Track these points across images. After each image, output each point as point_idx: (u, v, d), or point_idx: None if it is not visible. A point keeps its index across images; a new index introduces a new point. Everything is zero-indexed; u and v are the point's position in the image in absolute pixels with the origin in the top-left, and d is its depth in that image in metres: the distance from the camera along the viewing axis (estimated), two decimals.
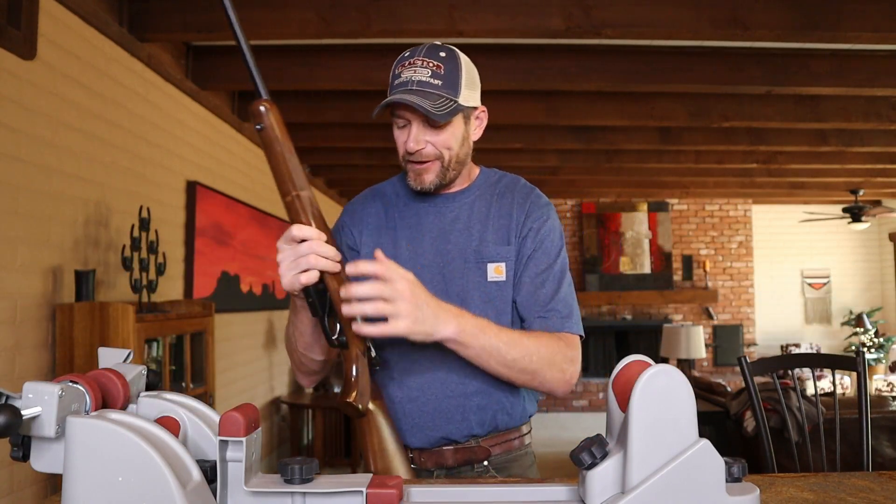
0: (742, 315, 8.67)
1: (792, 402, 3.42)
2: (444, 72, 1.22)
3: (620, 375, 0.80)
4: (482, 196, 1.35)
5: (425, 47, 1.25)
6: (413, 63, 1.23)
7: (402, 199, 1.37)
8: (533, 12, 2.92)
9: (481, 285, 1.28)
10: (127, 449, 0.69)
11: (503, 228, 1.30)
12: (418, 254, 1.31)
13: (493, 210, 1.32)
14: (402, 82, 1.22)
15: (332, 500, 0.75)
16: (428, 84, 1.21)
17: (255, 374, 4.91)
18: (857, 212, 7.46)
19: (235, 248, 4.40)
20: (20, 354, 2.35)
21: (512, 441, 1.34)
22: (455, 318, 1.13)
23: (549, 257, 1.30)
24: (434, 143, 1.25)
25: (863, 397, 1.85)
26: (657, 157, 5.78)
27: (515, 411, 1.32)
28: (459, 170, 1.31)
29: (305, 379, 1.38)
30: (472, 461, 1.29)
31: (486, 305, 1.27)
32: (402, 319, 1.06)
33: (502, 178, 1.39)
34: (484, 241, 1.29)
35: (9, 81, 2.28)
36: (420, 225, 1.33)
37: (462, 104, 1.24)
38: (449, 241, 1.31)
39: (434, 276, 1.28)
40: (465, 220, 1.32)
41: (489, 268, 1.28)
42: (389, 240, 1.33)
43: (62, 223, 2.57)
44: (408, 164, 1.28)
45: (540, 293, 1.27)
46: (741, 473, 0.75)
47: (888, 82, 3.70)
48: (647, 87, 3.81)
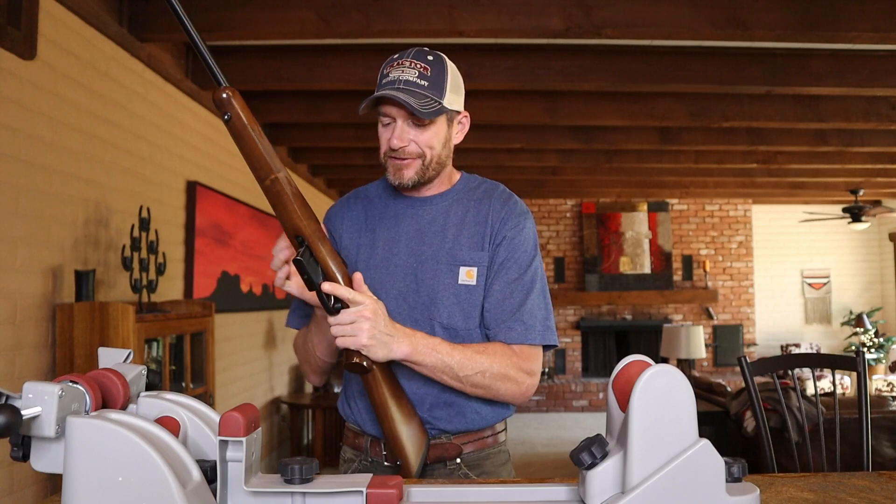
0: (742, 315, 8.67)
1: (792, 402, 3.42)
2: (431, 74, 1.26)
3: (620, 375, 0.80)
4: (460, 200, 1.38)
5: (414, 50, 1.30)
6: (401, 64, 1.27)
7: (383, 200, 1.41)
8: (533, 12, 2.92)
9: (451, 287, 1.31)
10: (127, 449, 0.69)
11: (478, 234, 1.33)
12: (393, 253, 1.34)
13: (470, 215, 1.35)
14: (389, 81, 1.26)
15: (332, 500, 0.75)
16: (414, 84, 1.25)
17: (255, 374, 4.91)
18: (857, 212, 7.46)
19: (235, 248, 4.40)
20: (20, 354, 2.35)
21: (485, 438, 1.36)
22: (408, 339, 1.21)
23: (520, 267, 1.32)
24: (417, 141, 1.29)
25: (863, 397, 1.85)
26: (657, 157, 5.78)
27: (485, 412, 1.34)
28: (439, 171, 1.34)
29: (317, 377, 1.45)
30: (443, 458, 1.32)
31: (454, 307, 1.30)
32: (361, 336, 1.16)
33: (482, 183, 1.42)
34: (458, 245, 1.32)
35: (9, 81, 2.28)
36: (397, 226, 1.37)
37: (446, 106, 1.28)
38: (423, 243, 1.34)
39: (407, 276, 1.32)
40: (441, 222, 1.35)
41: (461, 271, 1.31)
42: (367, 241, 1.37)
43: (62, 223, 2.57)
44: (388, 160, 1.31)
45: (507, 303, 1.30)
46: (741, 473, 0.75)
47: (888, 82, 3.70)
48: (647, 87, 3.81)
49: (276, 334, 5.36)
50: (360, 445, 1.39)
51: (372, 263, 1.34)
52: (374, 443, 1.36)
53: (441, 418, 1.31)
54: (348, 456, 1.42)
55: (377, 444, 1.36)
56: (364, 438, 1.38)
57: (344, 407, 1.43)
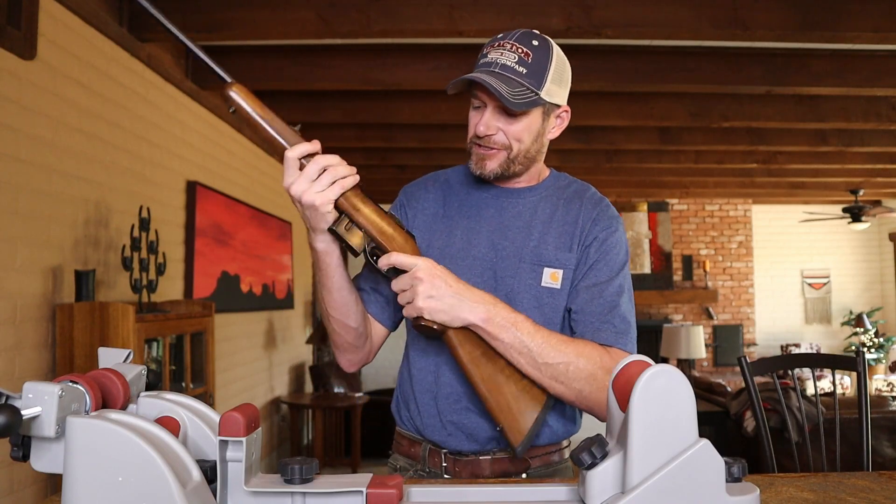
0: (742, 315, 8.67)
1: (792, 402, 3.42)
2: (532, 60, 1.15)
3: (620, 375, 0.79)
4: (548, 198, 1.27)
5: (519, 32, 1.19)
6: (502, 45, 1.17)
7: (465, 187, 1.31)
8: (533, 12, 2.92)
9: (533, 288, 1.21)
10: (127, 449, 0.69)
11: (566, 234, 1.23)
12: (472, 245, 1.24)
13: (559, 214, 1.25)
14: (486, 63, 1.16)
15: (332, 500, 0.75)
16: (511, 70, 1.14)
17: (255, 374, 4.91)
18: (857, 212, 7.46)
19: (235, 248, 4.40)
20: (20, 354, 2.35)
21: (552, 455, 1.26)
22: (485, 305, 1.10)
23: (611, 270, 1.22)
24: (506, 131, 1.19)
25: (863, 397, 1.85)
26: (657, 157, 5.78)
27: (559, 426, 1.24)
28: (527, 165, 1.24)
29: (345, 357, 1.30)
30: (509, 473, 1.22)
31: (534, 311, 1.19)
32: (417, 299, 1.08)
33: (572, 183, 1.32)
34: (543, 244, 1.22)
35: (9, 81, 2.28)
36: (478, 216, 1.26)
37: (543, 98, 1.17)
38: (506, 238, 1.23)
39: (485, 270, 1.22)
40: (526, 218, 1.25)
41: (545, 272, 1.21)
42: (444, 227, 1.27)
43: (62, 223, 2.57)
44: (473, 147, 1.22)
45: (596, 303, 1.19)
46: (741, 473, 0.75)
47: (888, 82, 3.70)
48: (647, 87, 3.81)
49: (276, 334, 5.36)
50: (415, 455, 1.27)
51: (448, 252, 1.24)
52: (433, 452, 1.24)
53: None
54: (401, 465, 1.31)
55: (437, 454, 1.24)
56: (421, 446, 1.27)
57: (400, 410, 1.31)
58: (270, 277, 5.15)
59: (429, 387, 1.24)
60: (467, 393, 1.20)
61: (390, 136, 4.86)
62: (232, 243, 4.33)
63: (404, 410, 1.29)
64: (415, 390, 1.26)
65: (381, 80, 3.55)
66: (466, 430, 1.22)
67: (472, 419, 1.21)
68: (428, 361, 1.25)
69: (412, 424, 1.27)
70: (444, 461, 1.23)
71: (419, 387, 1.25)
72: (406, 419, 1.29)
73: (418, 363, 1.27)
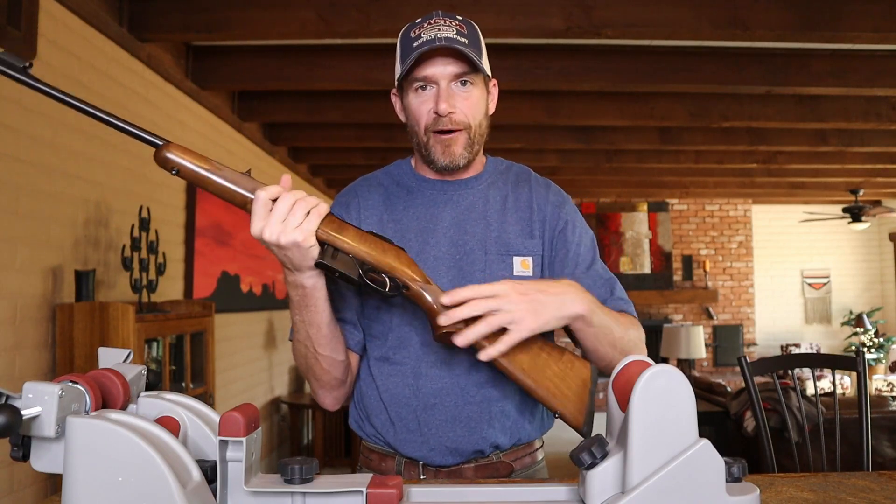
0: (742, 315, 8.67)
1: (792, 402, 3.42)
2: (468, 32, 1.14)
3: (620, 375, 0.80)
4: (494, 184, 1.23)
5: (438, 12, 1.16)
6: (434, 23, 1.13)
7: (405, 187, 1.24)
8: (533, 12, 2.92)
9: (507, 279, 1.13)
10: (127, 449, 0.69)
11: (524, 220, 1.20)
12: (430, 245, 1.17)
13: (510, 200, 1.21)
14: (427, 40, 1.10)
15: (332, 500, 0.75)
16: (456, 41, 1.10)
17: (255, 374, 4.91)
18: (857, 212, 7.46)
19: (235, 248, 4.40)
20: (20, 354, 2.35)
21: (532, 454, 1.24)
22: (580, 294, 1.03)
23: (592, 248, 1.22)
24: (462, 108, 1.14)
25: (863, 397, 1.85)
26: (657, 157, 5.78)
27: (536, 419, 1.22)
28: (479, 148, 1.20)
29: (330, 396, 1.20)
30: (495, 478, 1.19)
31: None
32: (523, 321, 0.97)
33: (511, 166, 1.29)
34: (505, 232, 1.18)
35: (9, 82, 2.27)
36: (430, 214, 1.20)
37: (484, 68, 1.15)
38: (465, 232, 1.18)
39: (449, 269, 1.16)
40: (480, 208, 1.20)
41: (515, 261, 1.17)
42: (394, 233, 1.18)
43: (62, 223, 2.57)
44: (433, 137, 1.15)
45: (599, 285, 1.18)
46: (741, 473, 0.75)
47: (888, 82, 3.70)
48: (647, 87, 3.81)
49: (276, 334, 5.36)
50: (388, 469, 1.19)
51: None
52: (409, 465, 1.17)
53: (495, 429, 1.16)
54: None
55: (413, 466, 1.17)
56: (395, 460, 1.19)
57: (363, 426, 1.22)
58: (270, 277, 5.15)
59: (405, 400, 1.16)
60: (453, 404, 1.15)
61: (390, 136, 4.85)
62: (232, 243, 4.33)
63: (368, 426, 1.21)
64: (386, 403, 1.18)
65: (381, 80, 3.55)
66: (452, 445, 1.16)
67: (459, 433, 1.15)
68: (404, 373, 1.17)
69: (381, 439, 1.20)
70: (421, 473, 1.17)
71: (392, 400, 1.17)
72: (372, 434, 1.21)
73: (391, 376, 1.18)
